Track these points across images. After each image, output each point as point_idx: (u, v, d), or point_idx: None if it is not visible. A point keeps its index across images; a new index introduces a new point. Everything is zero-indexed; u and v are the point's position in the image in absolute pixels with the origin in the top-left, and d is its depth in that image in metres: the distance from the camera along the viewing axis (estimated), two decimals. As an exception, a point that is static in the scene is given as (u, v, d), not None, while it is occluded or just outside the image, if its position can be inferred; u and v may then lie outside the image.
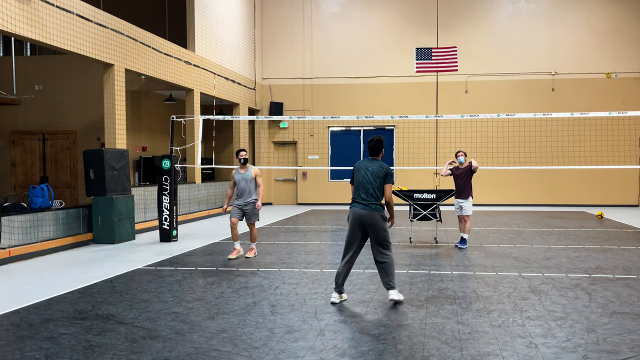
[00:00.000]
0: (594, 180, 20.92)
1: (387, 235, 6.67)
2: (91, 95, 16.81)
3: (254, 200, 9.86)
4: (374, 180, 6.65)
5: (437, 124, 20.94)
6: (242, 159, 9.97)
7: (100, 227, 11.68)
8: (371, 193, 6.62)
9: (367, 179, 6.67)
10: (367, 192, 6.63)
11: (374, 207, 6.58)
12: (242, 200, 9.86)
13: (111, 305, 6.68)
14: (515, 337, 5.49)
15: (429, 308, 6.54)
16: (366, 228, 6.60)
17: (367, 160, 6.88)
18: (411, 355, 4.98)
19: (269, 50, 22.58)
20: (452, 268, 9.03)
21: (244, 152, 10.05)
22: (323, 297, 7.09)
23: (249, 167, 9.99)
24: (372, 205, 6.58)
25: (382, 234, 6.59)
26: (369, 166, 6.75)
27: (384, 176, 6.66)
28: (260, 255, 10.29)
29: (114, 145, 12.90)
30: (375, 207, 6.58)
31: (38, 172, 17.17)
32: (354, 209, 6.68)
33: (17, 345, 5.30)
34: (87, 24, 11.89)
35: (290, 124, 22.34)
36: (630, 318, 6.10)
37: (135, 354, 5.04)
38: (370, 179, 6.66)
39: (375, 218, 6.56)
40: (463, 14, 21.47)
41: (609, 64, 20.98)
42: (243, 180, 9.84)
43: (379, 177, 6.65)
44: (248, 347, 5.19)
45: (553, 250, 10.83)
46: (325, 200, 22.01)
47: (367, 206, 6.59)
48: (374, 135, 6.93)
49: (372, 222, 6.56)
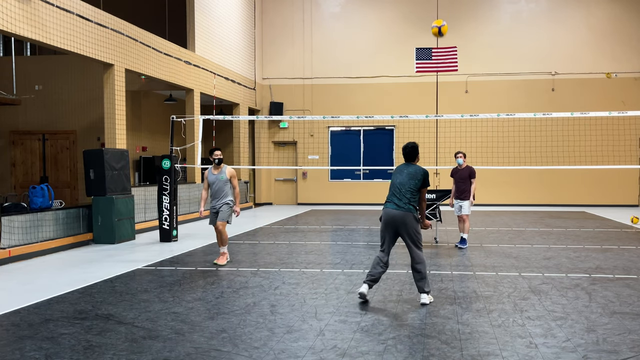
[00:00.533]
0: (594, 180, 20.93)
1: (420, 236, 6.78)
2: (91, 95, 16.81)
3: (229, 202, 9.37)
4: (409, 181, 6.76)
5: (437, 123, 20.94)
6: (217, 159, 9.43)
7: (100, 227, 11.68)
8: (404, 194, 6.72)
9: (402, 180, 6.79)
10: (400, 193, 6.74)
11: (406, 208, 6.68)
12: (216, 202, 9.38)
13: (111, 305, 6.68)
14: (515, 337, 5.50)
15: (429, 308, 6.54)
16: (398, 228, 6.71)
17: (405, 164, 7.02)
18: (411, 355, 4.98)
19: (269, 50, 22.59)
20: (452, 268, 9.03)
21: (219, 152, 9.52)
22: (323, 297, 7.09)
23: (223, 167, 9.48)
24: (405, 206, 6.69)
25: (414, 234, 6.71)
26: (406, 169, 6.90)
27: (422, 178, 6.78)
28: (260, 255, 10.29)
29: (114, 145, 12.90)
30: (408, 208, 6.68)
31: (38, 172, 17.17)
32: (387, 209, 6.81)
33: (17, 345, 5.30)
34: (87, 24, 11.89)
35: (290, 124, 22.34)
36: (630, 318, 6.10)
37: (135, 354, 5.04)
38: (405, 180, 6.78)
39: (407, 218, 6.67)
40: (463, 14, 21.47)
41: (608, 64, 20.98)
42: (218, 181, 9.35)
43: (416, 179, 6.77)
44: (248, 347, 5.19)
45: (553, 250, 10.83)
46: (325, 200, 22.02)
47: (400, 207, 6.69)
48: (407, 143, 7.10)
49: (404, 222, 6.67)
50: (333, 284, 7.85)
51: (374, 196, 21.51)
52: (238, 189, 9.53)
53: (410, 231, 6.67)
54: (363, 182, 22.16)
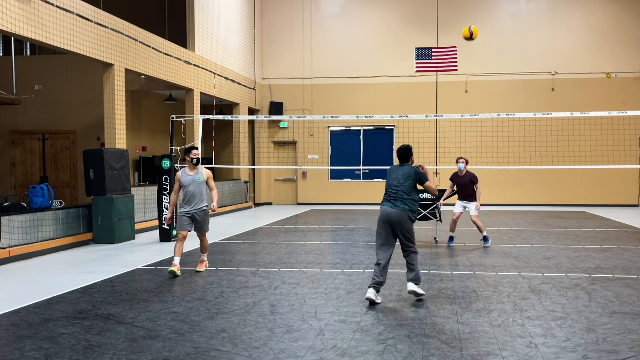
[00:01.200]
0: (594, 180, 20.93)
1: (413, 234, 7.01)
2: (91, 95, 16.82)
3: (206, 208, 8.74)
4: (405, 182, 6.99)
5: (437, 123, 20.94)
6: (196, 159, 8.76)
7: (100, 227, 11.68)
8: (401, 195, 6.93)
9: (398, 181, 7.03)
10: (397, 194, 6.96)
11: (402, 208, 6.87)
12: (191, 207, 8.62)
13: (111, 305, 6.68)
14: (515, 337, 5.50)
15: (429, 308, 6.54)
16: (394, 226, 6.89)
17: (398, 166, 7.26)
18: (411, 355, 4.98)
19: (269, 50, 22.59)
20: (452, 268, 9.03)
21: (197, 151, 8.85)
22: (323, 297, 7.09)
23: (199, 168, 8.81)
24: (401, 206, 6.88)
25: (408, 232, 6.92)
26: (401, 170, 7.13)
27: (415, 177, 7.04)
28: (260, 255, 10.30)
29: (114, 145, 12.90)
30: (404, 208, 6.87)
31: (38, 172, 17.18)
32: (384, 207, 7.01)
33: (17, 345, 5.30)
34: (87, 24, 11.89)
35: (290, 123, 22.34)
36: (630, 318, 6.11)
37: (135, 354, 5.04)
38: (401, 181, 7.01)
39: (402, 217, 6.86)
40: (463, 14, 21.47)
41: (608, 64, 20.98)
42: (194, 183, 8.62)
43: (410, 179, 7.01)
44: (248, 347, 5.19)
45: (553, 250, 10.83)
46: (325, 200, 22.02)
47: (396, 206, 6.89)
48: (401, 145, 7.32)
49: (400, 221, 6.86)
50: (333, 284, 7.85)
51: (374, 196, 21.50)
52: (216, 189, 8.94)
53: (405, 231, 6.90)
54: (363, 182, 22.16)
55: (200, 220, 8.68)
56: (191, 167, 8.79)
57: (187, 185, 8.66)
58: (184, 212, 8.65)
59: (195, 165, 8.79)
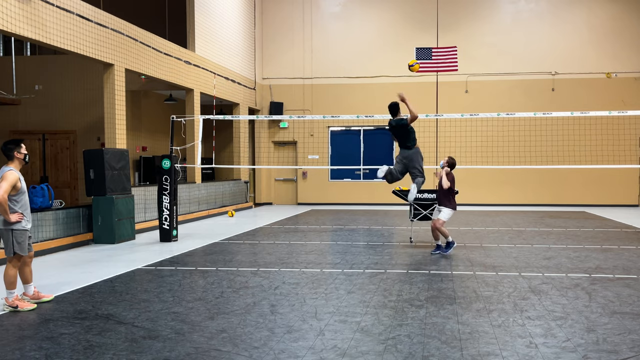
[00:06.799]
0: (594, 180, 20.92)
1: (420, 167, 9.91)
2: (91, 95, 16.81)
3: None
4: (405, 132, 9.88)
5: (437, 123, 20.92)
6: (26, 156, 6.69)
7: (100, 227, 11.68)
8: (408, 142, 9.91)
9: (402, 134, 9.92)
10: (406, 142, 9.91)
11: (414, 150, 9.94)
12: (29, 219, 6.67)
13: (111, 305, 6.68)
14: (515, 337, 5.50)
15: (429, 308, 6.54)
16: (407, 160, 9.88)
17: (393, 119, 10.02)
18: (411, 355, 4.98)
19: (269, 50, 22.58)
20: (452, 268, 9.03)
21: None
22: (323, 297, 7.09)
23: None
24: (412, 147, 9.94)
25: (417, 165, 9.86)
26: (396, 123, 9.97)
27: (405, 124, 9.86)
28: (260, 255, 10.29)
29: (114, 145, 12.90)
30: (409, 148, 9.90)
31: (38, 172, 17.18)
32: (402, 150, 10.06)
33: (17, 345, 5.30)
34: (87, 24, 11.89)
35: (290, 123, 22.34)
36: (630, 318, 6.11)
37: (135, 354, 5.04)
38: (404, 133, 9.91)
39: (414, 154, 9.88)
40: (463, 14, 21.47)
41: (609, 64, 20.97)
42: (25, 189, 6.58)
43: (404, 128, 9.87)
44: (248, 347, 5.19)
45: (553, 250, 10.83)
46: (325, 200, 22.02)
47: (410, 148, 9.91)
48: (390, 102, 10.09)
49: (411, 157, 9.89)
50: (333, 284, 7.85)
51: (374, 196, 21.53)
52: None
53: (415, 163, 9.82)
54: (363, 182, 22.15)
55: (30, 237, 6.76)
56: (21, 165, 6.59)
57: (25, 193, 6.55)
58: (27, 229, 6.57)
59: (26, 164, 6.72)
